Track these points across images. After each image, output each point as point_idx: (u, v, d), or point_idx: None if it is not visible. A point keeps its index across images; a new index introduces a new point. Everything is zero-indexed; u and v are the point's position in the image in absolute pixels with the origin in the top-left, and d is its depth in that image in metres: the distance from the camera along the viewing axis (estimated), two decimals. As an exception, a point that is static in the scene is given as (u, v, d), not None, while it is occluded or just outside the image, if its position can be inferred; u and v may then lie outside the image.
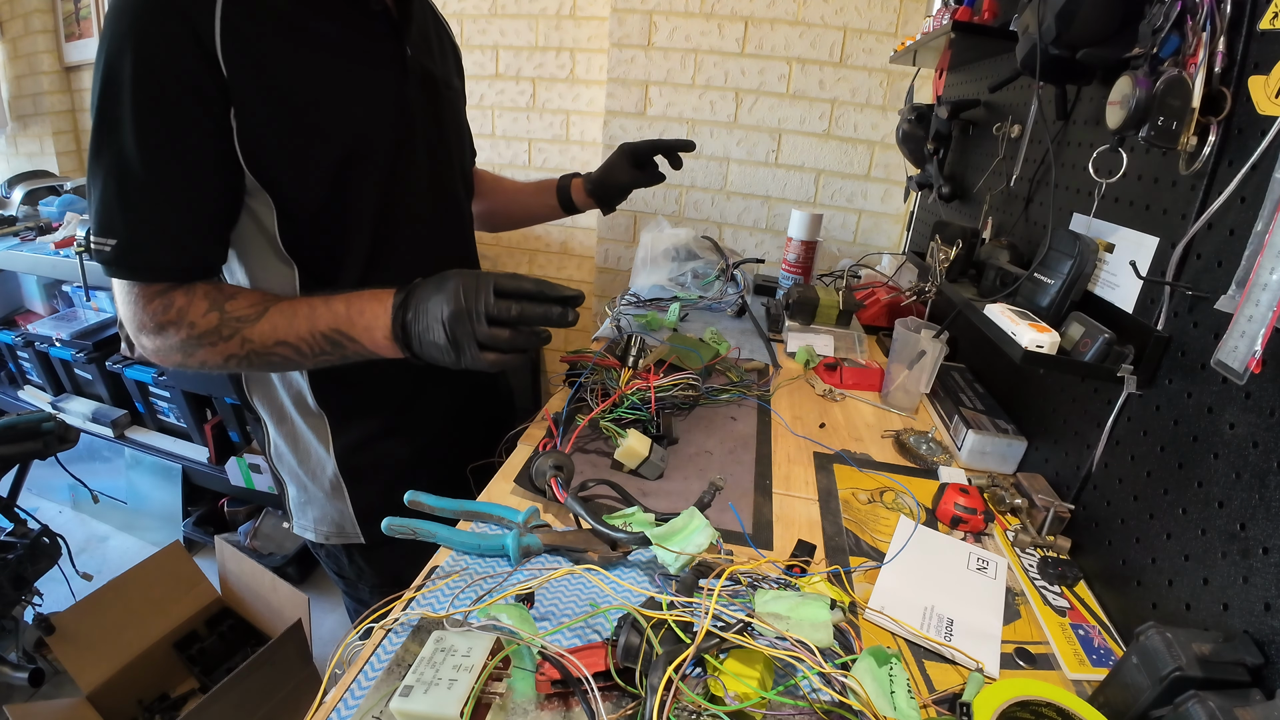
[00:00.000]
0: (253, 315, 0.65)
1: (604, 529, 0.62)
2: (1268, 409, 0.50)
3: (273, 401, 0.83)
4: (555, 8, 2.07)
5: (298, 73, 0.64)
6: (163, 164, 0.60)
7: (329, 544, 0.90)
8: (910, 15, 1.76)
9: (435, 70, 0.79)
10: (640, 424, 0.86)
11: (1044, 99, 0.90)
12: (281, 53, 0.63)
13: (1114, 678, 0.49)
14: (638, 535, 0.61)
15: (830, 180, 1.96)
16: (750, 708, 0.44)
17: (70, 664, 1.40)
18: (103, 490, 2.09)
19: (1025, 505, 0.78)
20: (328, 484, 0.85)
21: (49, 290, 2.49)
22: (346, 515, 0.86)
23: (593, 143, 2.17)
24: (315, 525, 0.89)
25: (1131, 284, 0.70)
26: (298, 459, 0.85)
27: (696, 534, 0.58)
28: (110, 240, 0.61)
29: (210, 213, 0.65)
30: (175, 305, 0.64)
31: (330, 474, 0.84)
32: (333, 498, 0.86)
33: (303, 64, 0.64)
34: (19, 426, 1.36)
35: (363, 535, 0.87)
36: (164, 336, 0.65)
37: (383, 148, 0.72)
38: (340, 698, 0.48)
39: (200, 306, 0.65)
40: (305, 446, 0.84)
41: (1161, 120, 0.59)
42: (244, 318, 0.65)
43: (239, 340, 0.65)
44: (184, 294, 0.65)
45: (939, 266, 1.05)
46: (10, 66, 3.03)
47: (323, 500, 0.86)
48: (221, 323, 0.65)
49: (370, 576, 0.94)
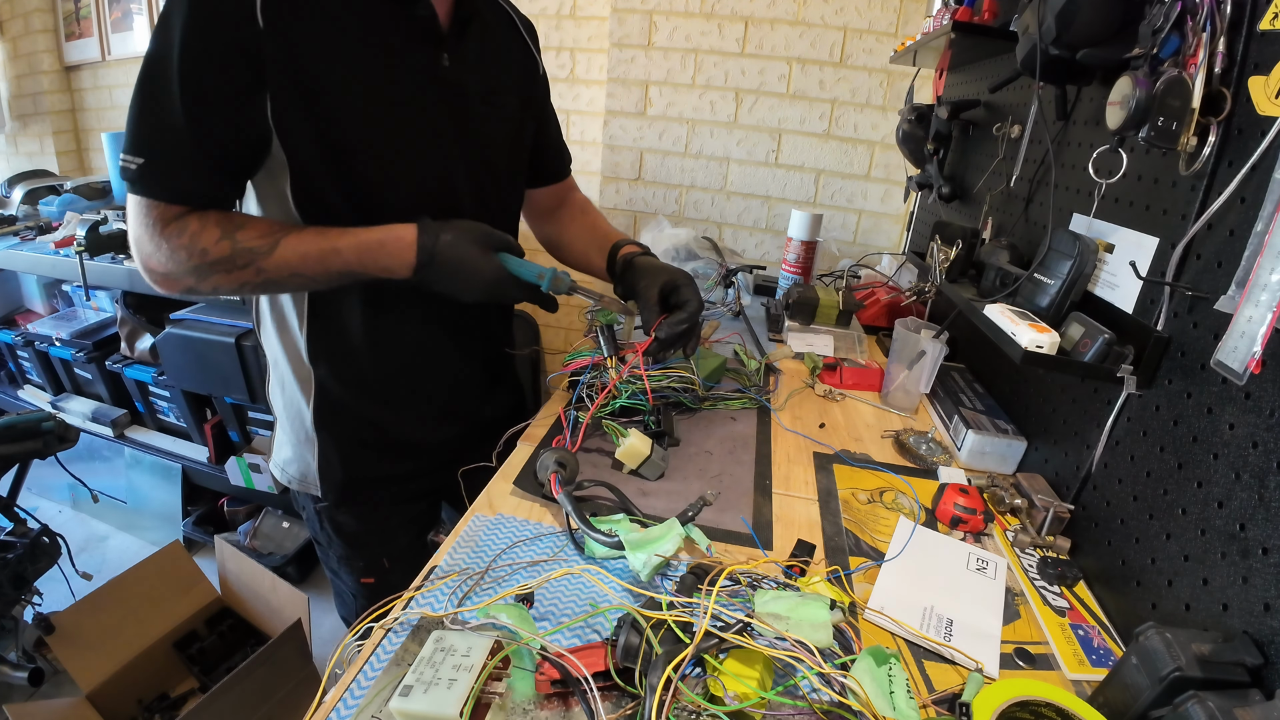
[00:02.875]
0: (266, 247, 0.69)
1: (587, 530, 0.62)
2: (1268, 409, 0.50)
3: (271, 346, 0.87)
4: (555, 8, 2.07)
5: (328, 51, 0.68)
6: (201, 98, 0.64)
7: (293, 489, 0.93)
8: (910, 15, 1.76)
9: (473, 84, 0.81)
10: (641, 422, 0.86)
11: (1044, 99, 0.90)
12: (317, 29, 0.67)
13: (1113, 678, 0.49)
14: (614, 541, 0.60)
15: (830, 180, 1.96)
16: (750, 708, 0.44)
17: (70, 663, 1.40)
18: (102, 490, 2.09)
19: (1025, 505, 0.78)
20: (304, 434, 0.88)
21: (49, 290, 2.49)
22: (311, 469, 0.88)
23: (593, 142, 2.17)
24: (284, 466, 0.92)
25: (1131, 284, 0.70)
26: (284, 400, 0.89)
27: (665, 542, 0.58)
28: (138, 158, 0.65)
29: (237, 152, 0.69)
30: (189, 230, 0.67)
31: (308, 426, 0.86)
32: (303, 447, 0.89)
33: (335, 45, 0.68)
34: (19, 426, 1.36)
35: (320, 491, 0.89)
36: (176, 261, 0.68)
37: (392, 144, 0.74)
38: (340, 697, 0.48)
39: (213, 234, 0.68)
40: (294, 393, 0.86)
41: (1161, 121, 0.59)
42: (257, 249, 0.69)
43: (254, 269, 0.69)
44: (198, 220, 0.68)
45: (939, 266, 1.05)
46: (10, 66, 3.03)
47: (297, 445, 0.89)
48: (235, 252, 0.68)
49: (337, 545, 0.96)
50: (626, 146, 2.06)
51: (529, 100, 0.93)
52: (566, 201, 1.10)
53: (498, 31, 0.87)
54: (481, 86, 0.82)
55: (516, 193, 0.96)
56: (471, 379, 0.95)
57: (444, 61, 0.77)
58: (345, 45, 0.69)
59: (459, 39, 0.78)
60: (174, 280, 0.70)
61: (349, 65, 0.69)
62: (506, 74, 0.88)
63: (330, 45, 0.68)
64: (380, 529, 0.97)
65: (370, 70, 0.71)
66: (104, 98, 3.02)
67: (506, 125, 0.88)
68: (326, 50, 0.68)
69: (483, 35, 0.83)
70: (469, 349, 0.92)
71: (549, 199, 1.06)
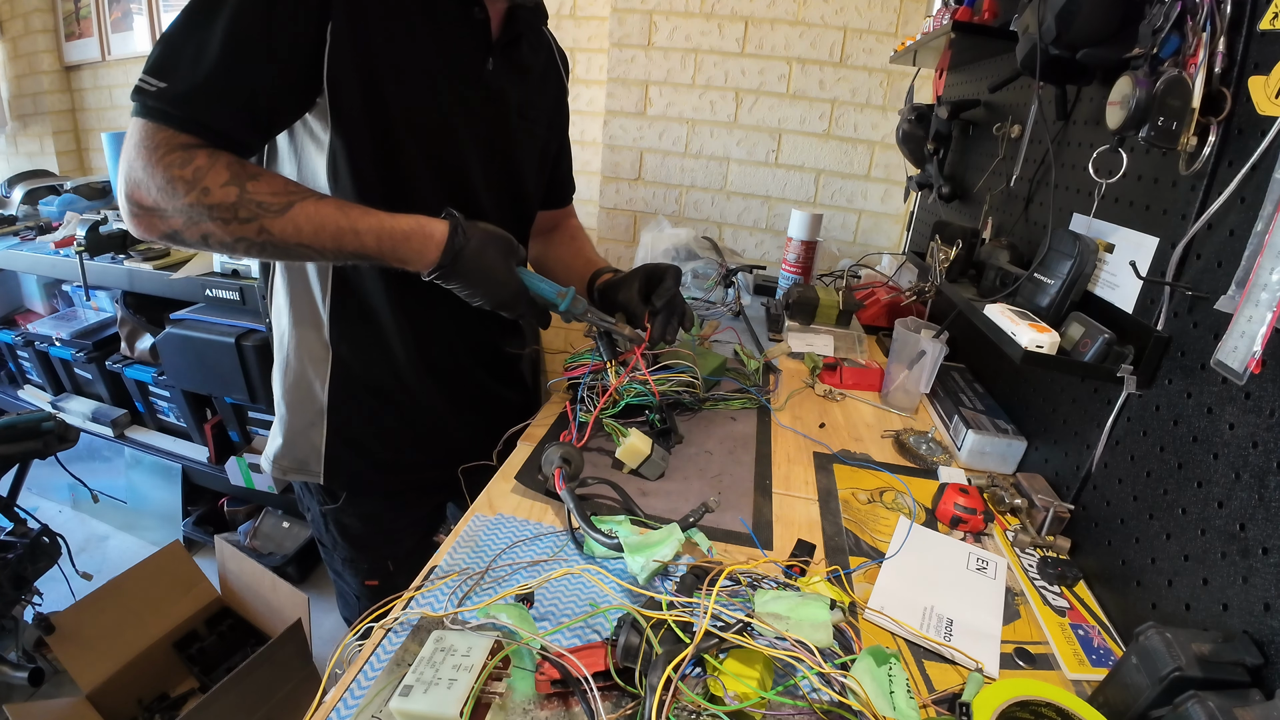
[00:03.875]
0: (277, 206, 0.63)
1: (588, 529, 0.62)
2: (1267, 409, 0.50)
3: (281, 319, 0.84)
4: (555, 8, 2.07)
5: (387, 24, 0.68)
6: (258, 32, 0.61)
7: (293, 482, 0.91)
8: (910, 15, 1.76)
9: (512, 95, 0.82)
10: (645, 420, 0.86)
11: (1044, 99, 0.90)
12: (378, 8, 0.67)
13: (1114, 678, 0.49)
14: (614, 542, 0.60)
15: (830, 180, 1.96)
16: (750, 708, 0.44)
17: (70, 663, 1.40)
18: (103, 490, 2.09)
19: (1025, 505, 0.78)
20: (312, 412, 0.85)
21: (49, 290, 2.49)
22: (316, 446, 0.86)
23: (593, 142, 2.17)
24: (276, 458, 0.88)
25: (1131, 284, 0.70)
26: (291, 382, 0.85)
27: (664, 546, 0.58)
28: (160, 82, 0.59)
29: (274, 103, 0.66)
30: (194, 163, 0.60)
31: (319, 402, 0.84)
32: (307, 429, 0.86)
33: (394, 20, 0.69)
34: (19, 426, 1.36)
35: (324, 476, 0.87)
36: (170, 195, 0.60)
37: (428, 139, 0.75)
38: (340, 697, 0.48)
39: (220, 175, 0.61)
40: (302, 372, 0.84)
41: (1161, 120, 0.59)
42: (266, 205, 0.62)
43: (256, 227, 0.62)
44: (207, 156, 0.61)
45: (939, 266, 1.05)
46: (10, 66, 3.03)
47: (298, 430, 0.86)
48: (239, 202, 0.61)
49: (342, 548, 0.95)
50: (626, 146, 2.06)
51: (556, 126, 0.96)
52: (560, 225, 1.12)
53: (540, 55, 0.90)
54: (519, 99, 0.84)
55: (531, 212, 0.97)
56: (494, 365, 0.96)
57: (489, 66, 0.78)
58: (406, 24, 0.70)
59: (505, 50, 0.80)
60: (159, 217, 0.61)
61: (407, 45, 0.70)
62: (541, 95, 0.90)
63: (393, 19, 0.68)
64: (385, 531, 0.96)
65: (425, 56, 0.72)
66: (104, 98, 3.02)
67: (535, 142, 0.90)
68: (389, 23, 0.68)
69: (526, 54, 0.85)
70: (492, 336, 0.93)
71: (545, 221, 1.07)
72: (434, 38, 0.72)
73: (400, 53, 0.70)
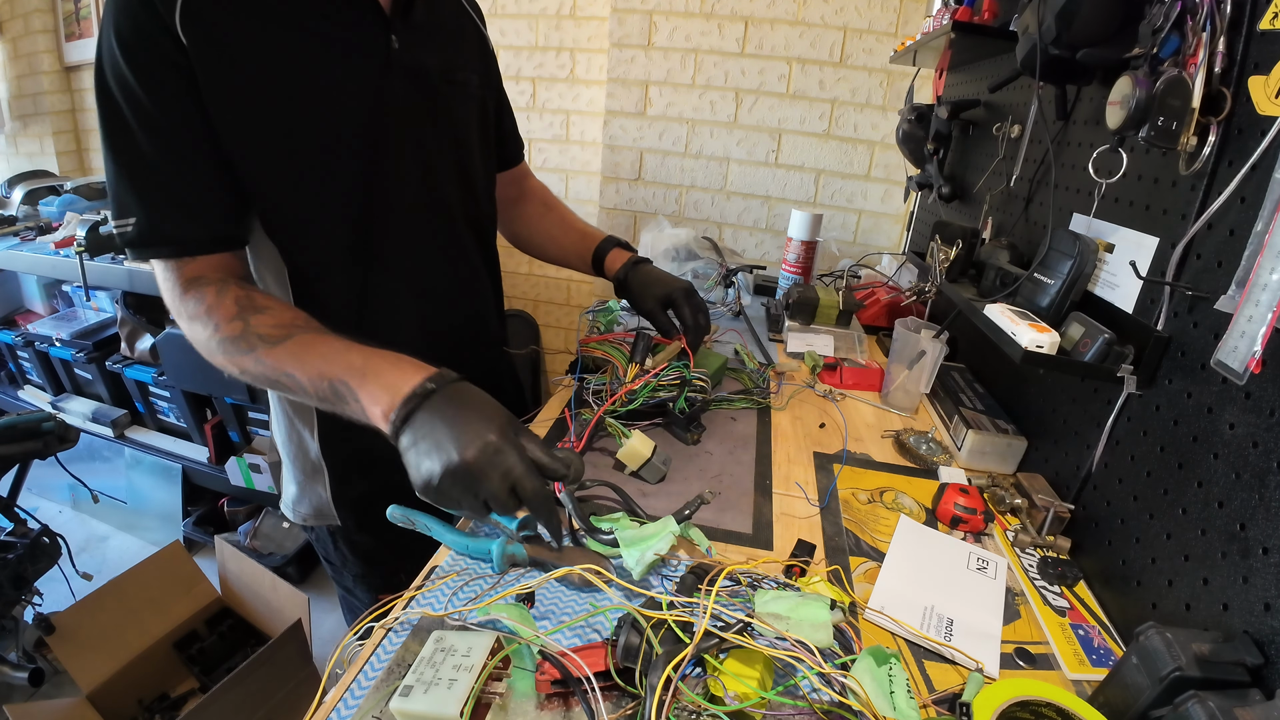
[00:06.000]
0: (274, 338, 0.63)
1: (588, 530, 0.62)
2: (1268, 409, 0.50)
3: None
4: (555, 8, 2.07)
5: (260, 51, 0.64)
6: (161, 139, 0.62)
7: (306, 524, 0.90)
8: (910, 15, 1.76)
9: (431, 63, 0.78)
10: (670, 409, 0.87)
11: (1044, 99, 0.90)
12: (244, 29, 0.63)
13: (1114, 678, 0.49)
14: (613, 539, 0.60)
15: (830, 180, 1.96)
16: (750, 708, 0.44)
17: (70, 664, 1.40)
18: (103, 490, 2.09)
19: (1025, 505, 0.78)
20: (309, 465, 0.85)
21: (49, 290, 2.49)
22: (325, 499, 0.86)
23: (593, 142, 2.17)
24: (294, 505, 0.89)
25: (1131, 284, 0.70)
26: (285, 435, 0.86)
27: (658, 539, 0.58)
28: (129, 220, 0.62)
29: (218, 183, 0.66)
30: (205, 302, 0.64)
31: (313, 456, 0.84)
32: (312, 479, 0.86)
33: (268, 43, 0.64)
34: (19, 426, 1.36)
35: (339, 519, 0.87)
36: (195, 329, 0.65)
37: (356, 138, 0.72)
38: (340, 697, 0.48)
39: (228, 310, 0.64)
40: (293, 425, 0.84)
41: (1161, 120, 0.59)
42: (266, 337, 0.63)
43: (253, 358, 0.63)
44: (215, 292, 0.64)
45: (939, 266, 1.05)
46: (10, 66, 3.03)
47: (303, 481, 0.87)
48: (243, 335, 0.63)
49: (353, 565, 0.94)
50: (626, 146, 2.06)
51: (486, 78, 0.91)
52: (526, 191, 1.09)
53: (444, 7, 0.83)
54: (441, 65, 0.80)
55: (490, 174, 0.94)
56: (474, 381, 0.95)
57: (393, 44, 0.72)
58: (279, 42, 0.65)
59: (405, 19, 0.74)
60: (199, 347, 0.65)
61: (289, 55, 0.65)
62: (461, 52, 0.85)
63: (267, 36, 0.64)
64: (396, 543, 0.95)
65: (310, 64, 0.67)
66: (104, 98, 3.02)
67: (472, 103, 0.86)
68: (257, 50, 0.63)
69: (430, 13, 0.79)
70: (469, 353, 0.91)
71: (508, 187, 1.03)
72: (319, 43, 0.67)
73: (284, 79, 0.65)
